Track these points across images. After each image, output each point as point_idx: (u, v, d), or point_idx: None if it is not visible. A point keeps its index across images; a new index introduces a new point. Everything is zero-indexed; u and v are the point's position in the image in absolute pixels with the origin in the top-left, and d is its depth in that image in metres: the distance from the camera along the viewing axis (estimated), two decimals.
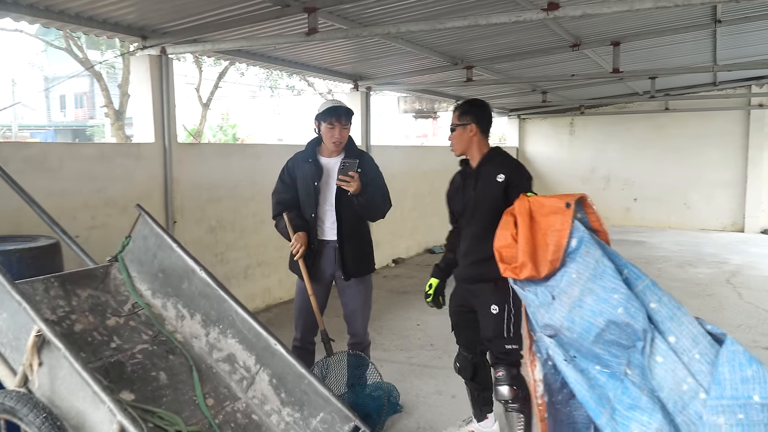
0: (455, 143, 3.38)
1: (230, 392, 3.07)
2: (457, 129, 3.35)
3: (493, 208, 3.10)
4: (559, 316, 2.45)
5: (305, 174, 3.71)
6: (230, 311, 3.20)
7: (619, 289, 2.33)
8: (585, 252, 2.42)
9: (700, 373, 2.16)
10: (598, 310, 2.34)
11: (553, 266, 2.46)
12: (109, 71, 21.09)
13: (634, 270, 2.41)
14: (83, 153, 4.80)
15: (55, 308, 3.02)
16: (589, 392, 2.40)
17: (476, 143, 3.35)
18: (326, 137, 3.67)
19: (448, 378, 4.41)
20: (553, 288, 2.48)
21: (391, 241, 8.91)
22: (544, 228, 2.55)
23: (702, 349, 2.19)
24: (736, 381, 2.08)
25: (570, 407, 2.58)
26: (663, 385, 2.23)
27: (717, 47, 8.00)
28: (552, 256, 2.46)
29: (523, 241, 2.55)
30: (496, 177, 3.22)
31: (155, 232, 3.33)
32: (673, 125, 13.03)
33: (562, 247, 2.45)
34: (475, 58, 7.55)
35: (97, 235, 4.71)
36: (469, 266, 3.35)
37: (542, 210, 2.59)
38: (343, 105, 3.71)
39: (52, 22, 4.57)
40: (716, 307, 6.61)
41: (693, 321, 2.27)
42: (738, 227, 12.64)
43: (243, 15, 4.78)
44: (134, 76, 5.34)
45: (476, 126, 3.33)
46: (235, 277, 6.27)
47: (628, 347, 2.31)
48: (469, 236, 3.35)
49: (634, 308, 2.28)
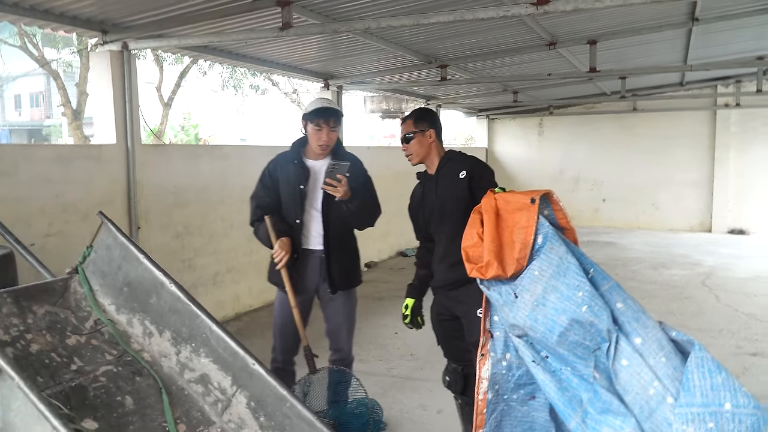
0: (414, 151, 3.29)
1: (204, 416, 2.82)
2: (416, 136, 3.27)
3: (462, 205, 3.04)
4: (523, 315, 2.36)
5: (290, 177, 3.43)
6: (203, 328, 2.94)
7: (583, 287, 2.25)
8: (549, 248, 2.36)
9: (667, 378, 2.09)
10: (562, 308, 2.25)
11: (520, 265, 2.38)
12: (66, 70, 20.44)
13: (599, 271, 2.35)
14: (39, 155, 4.46)
15: (8, 327, 2.72)
16: (558, 394, 2.32)
17: (435, 148, 3.30)
18: (312, 139, 3.40)
19: (432, 392, 4.22)
20: (516, 286, 2.40)
21: (363, 244, 8.63)
22: (510, 225, 2.47)
23: (668, 353, 2.13)
24: (707, 388, 1.99)
25: (528, 407, 2.54)
26: (628, 389, 2.15)
27: (690, 46, 7.99)
28: (519, 254, 2.39)
29: (489, 239, 2.46)
30: (458, 174, 3.16)
31: (120, 242, 3.05)
32: (641, 125, 13.11)
33: (528, 245, 2.38)
34: (450, 57, 7.39)
35: (54, 244, 4.39)
36: (448, 269, 3.18)
37: (508, 207, 2.51)
38: (333, 106, 3.45)
39: (6, 15, 4.25)
40: (695, 311, 6.55)
41: (657, 325, 2.22)
42: (706, 227, 12.76)
43: (212, 8, 4.51)
44: (94, 74, 5.02)
45: (433, 131, 3.28)
46: (203, 285, 5.98)
47: (594, 350, 2.23)
48: (443, 238, 3.23)
49: (598, 307, 2.21)
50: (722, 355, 5.10)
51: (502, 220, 2.50)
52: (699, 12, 6.22)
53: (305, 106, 3.48)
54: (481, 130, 14.89)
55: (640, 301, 2.42)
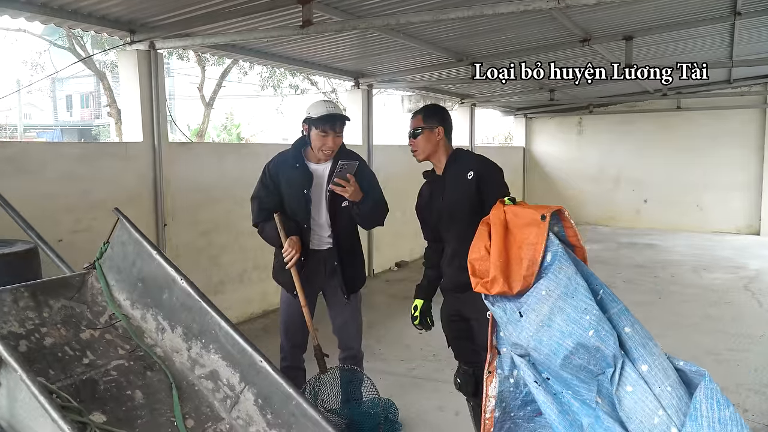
0: (420, 147, 3.24)
1: (213, 412, 2.83)
2: (424, 132, 3.22)
3: (470, 207, 3.02)
4: (527, 335, 2.28)
5: (292, 181, 3.39)
6: (213, 324, 2.95)
7: (591, 310, 2.16)
8: (558, 268, 2.26)
9: (671, 407, 2.00)
10: (568, 331, 2.16)
11: (527, 282, 2.30)
12: (113, 71, 20.94)
13: (608, 292, 2.25)
14: (66, 153, 4.57)
15: (24, 320, 2.78)
16: (559, 417, 2.26)
17: (442, 146, 3.24)
18: (316, 145, 3.32)
19: (451, 393, 4.12)
20: (521, 304, 2.31)
21: (394, 243, 8.66)
22: (519, 240, 2.38)
23: (673, 382, 2.05)
24: (714, 420, 1.91)
25: (535, 424, 2.49)
26: (632, 416, 2.07)
27: (734, 42, 7.70)
28: (526, 271, 2.30)
29: (496, 254, 2.39)
30: (466, 175, 3.11)
31: (134, 238, 3.09)
32: (685, 125, 12.73)
33: (536, 263, 2.29)
34: (481, 54, 7.29)
35: (81, 240, 4.48)
36: (458, 271, 3.08)
37: (517, 221, 2.42)
38: (339, 111, 3.36)
39: (35, 16, 4.36)
40: (735, 315, 6.31)
41: (663, 353, 2.14)
42: (753, 230, 12.29)
43: (234, 7, 4.54)
44: (122, 73, 5.11)
45: (442, 128, 3.23)
46: (231, 282, 6.03)
47: (597, 374, 2.15)
48: (452, 240, 3.20)
49: (605, 331, 2.13)
50: (761, 362, 4.91)
51: (510, 234, 2.43)
52: (741, 5, 5.99)
53: (308, 109, 3.39)
54: (519, 129, 14.68)
55: (678, 305, 2.34)
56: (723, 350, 5.16)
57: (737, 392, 4.32)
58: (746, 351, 5.18)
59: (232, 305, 5.89)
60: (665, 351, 2.17)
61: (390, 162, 8.33)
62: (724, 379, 4.53)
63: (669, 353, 2.17)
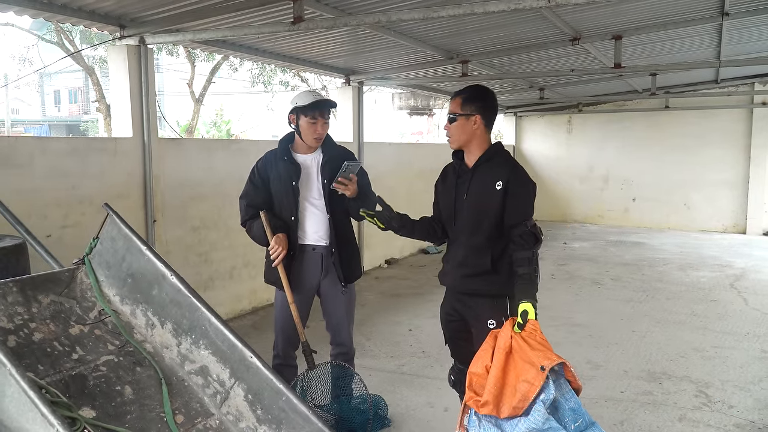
0: (454, 135, 2.96)
1: (203, 408, 2.83)
2: (459, 119, 2.92)
3: (492, 218, 2.89)
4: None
5: (281, 174, 3.42)
6: (203, 320, 2.95)
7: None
8: (543, 416, 2.46)
9: None
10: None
11: (515, 412, 2.49)
12: (102, 66, 20.79)
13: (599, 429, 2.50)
14: (55, 148, 4.53)
15: (13, 316, 2.77)
16: None
17: (478, 137, 2.94)
18: (307, 133, 3.38)
19: (440, 389, 4.17)
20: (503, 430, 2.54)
21: (384, 240, 8.66)
22: (518, 370, 2.55)
23: None
24: None
25: None
26: None
27: (722, 42, 7.76)
28: (518, 403, 2.49)
29: (492, 381, 2.57)
30: (494, 184, 2.88)
31: (123, 234, 3.09)
32: (673, 124, 12.81)
33: (528, 400, 2.47)
34: (471, 53, 7.30)
35: (70, 235, 4.46)
36: (464, 279, 3.03)
37: (522, 353, 2.58)
38: (327, 97, 3.44)
39: (24, 10, 4.32)
40: (721, 313, 6.36)
41: None
42: (740, 229, 12.41)
43: (224, 2, 4.52)
44: (112, 68, 5.07)
45: (480, 118, 2.91)
46: (220, 278, 6.02)
47: None
48: (465, 246, 3.01)
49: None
50: (746, 359, 4.96)
51: (512, 360, 2.59)
52: (728, 6, 6.04)
53: (294, 100, 3.43)
54: (509, 127, 14.73)
55: (664, 302, 2.43)
56: (709, 347, 5.21)
57: (723, 389, 4.36)
58: (732, 348, 5.23)
59: (221, 302, 5.88)
60: (653, 347, 2.22)
61: (380, 159, 8.32)
62: (710, 375, 4.59)
63: (656, 350, 2.21)
